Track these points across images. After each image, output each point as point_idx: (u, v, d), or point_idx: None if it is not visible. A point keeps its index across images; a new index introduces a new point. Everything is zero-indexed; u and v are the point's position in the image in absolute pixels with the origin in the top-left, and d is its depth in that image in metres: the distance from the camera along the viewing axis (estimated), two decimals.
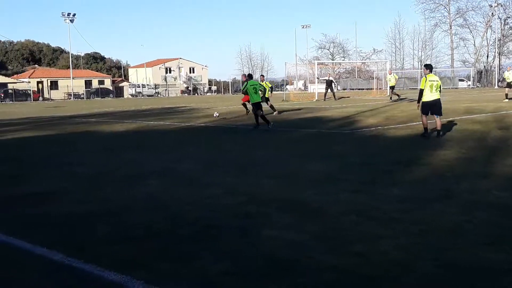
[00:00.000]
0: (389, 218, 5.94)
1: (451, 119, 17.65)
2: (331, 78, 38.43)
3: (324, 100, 36.70)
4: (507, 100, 27.08)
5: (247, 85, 17.87)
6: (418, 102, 13.68)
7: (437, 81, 13.29)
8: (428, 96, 13.15)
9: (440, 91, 13.33)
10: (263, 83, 21.16)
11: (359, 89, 71.70)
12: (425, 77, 13.31)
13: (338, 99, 37.46)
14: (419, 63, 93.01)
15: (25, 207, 7.00)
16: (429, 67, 13.56)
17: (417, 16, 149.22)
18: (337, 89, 39.23)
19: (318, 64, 60.76)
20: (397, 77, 34.45)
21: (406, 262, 4.60)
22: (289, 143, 13.51)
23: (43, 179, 9.12)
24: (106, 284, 4.29)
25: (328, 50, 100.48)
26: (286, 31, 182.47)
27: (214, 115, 22.36)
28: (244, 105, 22.84)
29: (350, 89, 75.58)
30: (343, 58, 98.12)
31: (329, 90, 37.10)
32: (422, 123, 13.41)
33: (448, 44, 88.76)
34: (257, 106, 17.32)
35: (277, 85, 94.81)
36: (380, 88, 53.04)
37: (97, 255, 4.93)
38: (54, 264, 4.76)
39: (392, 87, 33.58)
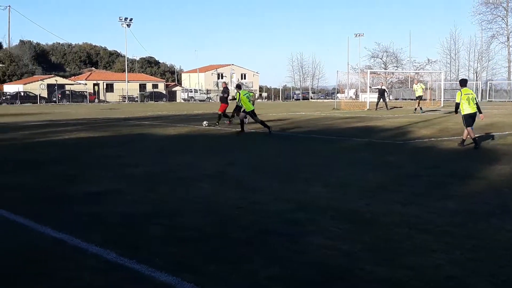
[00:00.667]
0: (442, 232, 5.82)
1: (507, 132, 17.17)
2: (383, 87, 37.94)
3: (376, 109, 36.26)
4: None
5: (240, 95, 19.24)
6: (456, 112, 14.17)
7: (472, 94, 13.88)
8: (467, 109, 13.57)
9: (476, 104, 13.70)
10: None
11: (412, 99, 70.49)
12: (460, 91, 13.81)
13: (390, 109, 36.92)
14: (475, 74, 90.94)
15: (81, 206, 7.20)
16: (464, 82, 14.17)
17: (474, 27, 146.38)
18: (389, 99, 38.57)
19: (371, 73, 60.10)
20: (423, 87, 33.17)
21: (461, 278, 4.49)
22: (340, 152, 13.41)
23: (99, 179, 9.35)
24: (157, 284, 4.36)
25: (381, 59, 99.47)
26: (338, 39, 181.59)
27: (204, 124, 22.16)
28: (225, 114, 23.17)
29: (403, 99, 74.41)
30: (396, 68, 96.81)
31: (381, 100, 36.62)
32: (470, 137, 13.49)
33: (505, 56, 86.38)
34: (253, 113, 18.61)
35: (328, 94, 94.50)
36: (434, 99, 52.03)
37: (149, 256, 5.02)
38: (108, 263, 4.87)
39: (419, 97, 32.47)
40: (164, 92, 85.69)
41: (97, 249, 5.21)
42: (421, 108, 32.03)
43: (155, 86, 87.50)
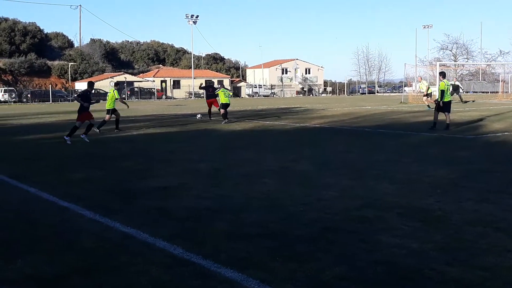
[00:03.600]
0: None
1: None
2: (457, 83, 37.54)
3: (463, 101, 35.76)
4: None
5: (220, 90, 22.92)
6: (437, 100, 16.85)
7: (449, 85, 17.11)
8: (447, 97, 16.59)
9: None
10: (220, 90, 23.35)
11: (483, 92, 68.10)
12: (444, 81, 16.60)
13: (465, 102, 35.80)
14: None
15: (148, 200, 7.32)
16: (442, 74, 17.30)
17: None
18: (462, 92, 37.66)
19: (440, 65, 58.41)
20: (427, 84, 30.74)
21: None
22: (409, 147, 13.06)
23: (166, 174, 9.50)
24: (223, 280, 4.35)
25: (451, 51, 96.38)
26: (406, 31, 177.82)
27: (197, 117, 24.07)
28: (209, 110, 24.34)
29: (473, 92, 71.97)
30: (466, 60, 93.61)
31: (454, 94, 35.99)
32: (435, 118, 16.75)
33: None
34: (226, 106, 22.02)
35: (395, 87, 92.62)
36: (506, 92, 50.03)
37: (215, 251, 5.03)
38: (175, 258, 4.91)
39: (428, 95, 30.34)
40: (229, 88, 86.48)
41: (164, 244, 5.27)
42: (428, 106, 29.44)
43: (220, 82, 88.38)
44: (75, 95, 14.55)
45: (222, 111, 22.05)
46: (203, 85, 26.63)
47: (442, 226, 5.80)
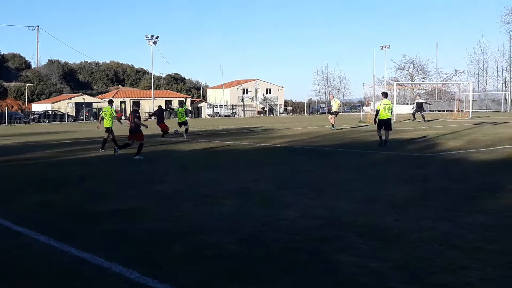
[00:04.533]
0: (474, 248, 5.63)
1: None
2: (421, 100, 38.63)
3: (413, 120, 36.39)
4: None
5: (178, 110, 26.45)
6: (375, 120, 17.81)
7: (389, 104, 17.78)
8: (382, 116, 17.44)
9: (391, 112, 17.93)
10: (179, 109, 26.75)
11: (439, 110, 69.73)
12: (381, 101, 17.80)
13: (428, 121, 36.54)
14: (503, 85, 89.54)
15: (106, 224, 7.18)
16: (384, 95, 18.44)
17: (502, 37, 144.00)
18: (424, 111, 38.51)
19: (397, 85, 59.63)
20: (339, 103, 30.82)
21: None
22: (367, 165, 13.21)
23: (124, 196, 9.35)
24: None
25: (407, 71, 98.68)
26: (364, 52, 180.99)
27: (174, 132, 25.92)
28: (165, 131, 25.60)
29: (430, 110, 73.56)
30: (423, 79, 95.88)
31: (418, 112, 37.09)
32: (378, 136, 17.74)
33: None
34: (184, 123, 25.61)
35: (354, 106, 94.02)
36: (462, 110, 51.36)
37: (173, 275, 4.95)
38: (131, 282, 4.81)
39: (334, 113, 29.94)
40: (190, 108, 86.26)
41: (121, 268, 5.16)
42: (332, 125, 29.49)
43: (181, 102, 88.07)
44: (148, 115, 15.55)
45: (180, 129, 23.98)
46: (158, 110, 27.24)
47: (400, 244, 5.85)
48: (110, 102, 19.98)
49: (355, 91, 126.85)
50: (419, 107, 37.77)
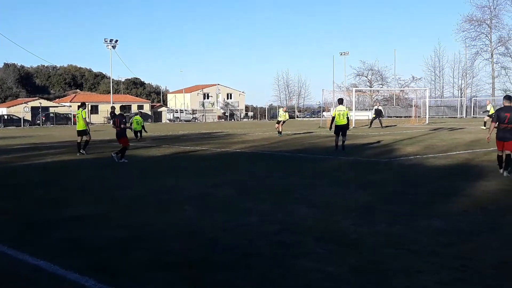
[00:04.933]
0: (429, 252, 5.76)
1: (492, 149, 17.23)
2: (380, 108, 39.22)
3: (370, 127, 36.75)
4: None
5: (133, 119, 27.69)
6: (330, 126, 18.58)
7: (344, 111, 18.29)
8: (338, 122, 18.15)
9: (347, 118, 18.33)
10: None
11: (397, 116, 71.02)
12: (335, 108, 18.68)
13: (385, 127, 37.13)
14: (459, 91, 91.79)
15: (62, 231, 7.06)
16: (340, 101, 19.25)
17: (458, 44, 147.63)
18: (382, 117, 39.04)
19: (356, 91, 60.52)
20: (287, 118, 31.07)
21: None
22: (326, 171, 13.36)
23: (82, 202, 9.21)
24: None
25: (366, 77, 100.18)
26: (324, 58, 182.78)
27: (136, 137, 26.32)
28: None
29: (388, 116, 74.78)
30: (381, 86, 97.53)
31: (376, 119, 37.57)
32: (335, 141, 18.31)
33: (489, 72, 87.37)
34: (140, 133, 27.24)
35: (314, 112, 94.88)
36: (419, 116, 52.42)
37: (130, 283, 4.90)
38: None
39: (280, 122, 30.20)
40: (149, 113, 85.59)
41: (76, 276, 5.07)
42: (279, 132, 29.91)
43: (140, 107, 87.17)
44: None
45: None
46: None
47: (357, 249, 5.94)
48: (82, 105, 19.63)
49: (315, 97, 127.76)
50: (378, 114, 38.42)
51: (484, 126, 31.52)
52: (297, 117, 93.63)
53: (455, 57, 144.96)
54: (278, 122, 30.08)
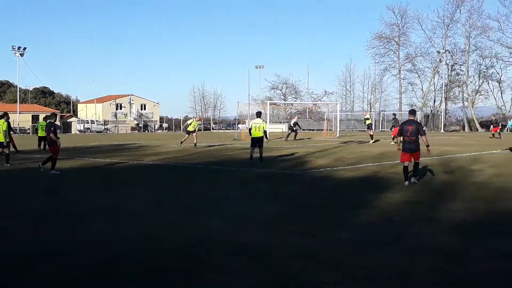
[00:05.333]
0: (336, 262, 5.91)
1: (398, 161, 17.97)
2: (296, 120, 40.24)
3: (286, 140, 37.34)
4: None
5: (38, 124, 26.04)
6: (250, 134, 19.20)
7: (260, 124, 19.01)
8: (254, 134, 18.90)
9: (264, 131, 18.97)
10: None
11: (310, 129, 72.72)
12: (253, 121, 19.65)
13: (297, 139, 37.85)
14: (369, 105, 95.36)
15: None
16: (257, 114, 20.10)
17: (368, 60, 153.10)
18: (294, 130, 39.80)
19: (270, 104, 61.46)
20: (195, 124, 31.85)
21: None
22: (240, 183, 13.42)
23: None
24: None
25: (281, 90, 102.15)
26: (240, 70, 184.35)
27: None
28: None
29: (302, 129, 76.54)
30: (295, 99, 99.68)
31: (292, 132, 38.53)
32: (250, 154, 19.04)
33: (397, 88, 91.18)
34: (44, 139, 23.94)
35: (229, 124, 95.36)
36: (330, 129, 53.92)
37: None
38: None
39: (189, 132, 30.41)
40: (58, 123, 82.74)
41: None
42: (195, 144, 29.86)
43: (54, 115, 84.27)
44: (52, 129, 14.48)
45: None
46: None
47: (268, 261, 6.00)
48: (4, 116, 18.78)
49: (231, 109, 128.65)
50: (293, 126, 39.33)
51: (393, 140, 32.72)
52: (213, 129, 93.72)
53: (365, 72, 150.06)
54: (188, 133, 29.98)
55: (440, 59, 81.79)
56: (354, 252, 6.37)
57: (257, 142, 18.87)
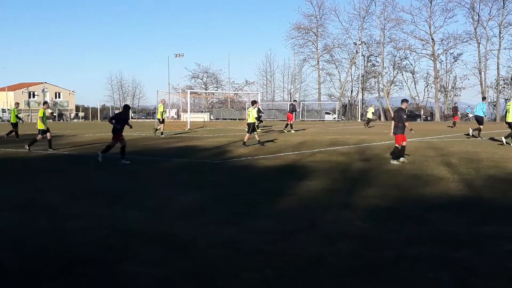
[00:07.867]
0: (256, 250, 5.98)
1: (316, 150, 18.38)
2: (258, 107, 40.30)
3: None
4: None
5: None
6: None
7: (250, 111, 20.90)
8: (248, 121, 20.82)
9: (256, 117, 21.06)
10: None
11: (231, 119, 72.94)
12: (249, 109, 21.29)
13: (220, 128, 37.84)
14: (289, 95, 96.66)
15: None
16: (252, 103, 22.09)
17: (287, 51, 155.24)
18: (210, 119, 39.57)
19: (191, 93, 61.04)
20: (162, 110, 32.39)
21: None
22: (160, 173, 13.28)
23: None
24: None
25: (202, 79, 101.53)
26: (159, 59, 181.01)
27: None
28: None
29: (223, 119, 76.59)
30: (216, 88, 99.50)
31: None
32: (245, 138, 20.66)
33: (315, 78, 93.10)
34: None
35: (149, 113, 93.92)
36: None
37: None
38: None
39: (159, 119, 31.54)
40: None
41: None
42: (155, 130, 31.79)
43: None
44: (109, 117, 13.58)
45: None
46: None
47: (188, 251, 5.98)
48: (44, 104, 19.17)
49: (151, 98, 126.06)
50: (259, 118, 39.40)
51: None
52: (132, 118, 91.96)
53: (285, 63, 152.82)
54: (161, 122, 30.99)
55: (356, 51, 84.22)
56: (273, 239, 6.47)
57: (249, 127, 21.06)
